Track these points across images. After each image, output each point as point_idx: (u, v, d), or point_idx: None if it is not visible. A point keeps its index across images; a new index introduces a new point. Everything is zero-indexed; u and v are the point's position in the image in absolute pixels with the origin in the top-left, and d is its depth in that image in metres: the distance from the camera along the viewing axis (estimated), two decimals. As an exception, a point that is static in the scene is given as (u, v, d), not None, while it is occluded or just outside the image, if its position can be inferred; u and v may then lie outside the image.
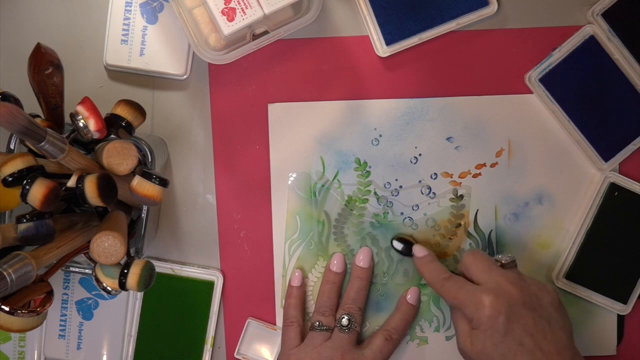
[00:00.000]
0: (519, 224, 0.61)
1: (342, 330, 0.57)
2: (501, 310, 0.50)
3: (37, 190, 0.43)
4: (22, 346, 0.61)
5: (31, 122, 0.41)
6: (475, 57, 0.61)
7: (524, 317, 0.50)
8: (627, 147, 0.60)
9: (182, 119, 0.61)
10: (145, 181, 0.47)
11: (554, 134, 0.61)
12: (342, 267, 0.60)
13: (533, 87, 0.60)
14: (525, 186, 0.61)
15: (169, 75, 0.60)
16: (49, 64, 0.47)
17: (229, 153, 0.61)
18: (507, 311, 0.50)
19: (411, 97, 0.61)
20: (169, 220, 0.61)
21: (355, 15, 0.61)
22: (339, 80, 0.61)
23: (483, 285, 0.52)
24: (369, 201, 0.61)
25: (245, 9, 0.53)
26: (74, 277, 0.61)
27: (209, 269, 0.60)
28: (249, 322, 0.61)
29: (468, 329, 0.52)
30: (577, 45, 0.60)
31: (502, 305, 0.50)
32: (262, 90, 0.61)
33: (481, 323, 0.51)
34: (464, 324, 0.53)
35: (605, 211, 0.60)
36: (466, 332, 0.52)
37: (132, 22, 0.59)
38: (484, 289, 0.52)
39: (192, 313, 0.61)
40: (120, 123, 0.50)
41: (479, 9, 0.60)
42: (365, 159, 0.61)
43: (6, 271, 0.42)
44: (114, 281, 0.47)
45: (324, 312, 0.58)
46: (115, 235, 0.46)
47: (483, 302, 0.51)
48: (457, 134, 0.61)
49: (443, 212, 0.61)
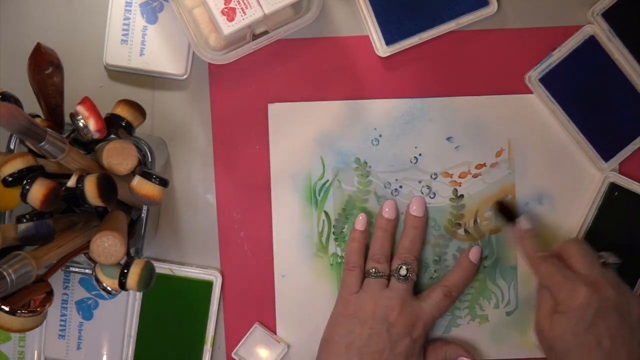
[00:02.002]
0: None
1: (400, 280, 0.57)
2: (593, 305, 0.51)
3: (37, 190, 0.43)
4: (22, 346, 0.61)
5: (31, 122, 0.41)
6: (475, 57, 0.61)
7: (610, 319, 0.51)
8: (627, 147, 0.60)
9: (182, 119, 0.61)
10: (145, 181, 0.47)
11: (554, 134, 0.61)
12: (394, 214, 0.60)
13: (533, 87, 0.60)
14: (525, 186, 0.61)
15: (169, 75, 0.60)
16: (49, 64, 0.47)
17: (229, 153, 0.61)
18: (598, 307, 0.51)
19: (411, 97, 0.61)
20: (168, 220, 0.61)
21: (355, 15, 0.61)
22: (339, 80, 0.61)
23: (582, 276, 0.53)
24: (369, 201, 0.61)
25: (245, 9, 0.53)
26: (74, 277, 0.61)
27: (208, 269, 0.60)
28: (255, 327, 0.61)
29: (551, 310, 0.53)
30: (577, 45, 0.60)
31: (595, 300, 0.51)
32: (262, 90, 0.61)
33: (570, 309, 0.52)
34: (548, 304, 0.54)
35: (605, 211, 0.60)
36: (549, 312, 0.53)
37: (132, 22, 0.59)
38: (583, 279, 0.53)
39: (192, 313, 0.61)
40: (120, 123, 0.50)
41: (479, 9, 0.60)
42: (365, 159, 0.61)
43: (6, 271, 0.42)
44: (114, 281, 0.47)
45: (378, 260, 0.58)
46: (115, 235, 0.46)
47: (579, 290, 0.52)
48: (457, 134, 0.61)
49: (443, 212, 0.61)
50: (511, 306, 0.61)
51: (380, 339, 0.55)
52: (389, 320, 0.56)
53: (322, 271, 0.61)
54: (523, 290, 0.61)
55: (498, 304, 0.61)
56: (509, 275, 0.61)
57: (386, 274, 0.58)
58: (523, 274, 0.61)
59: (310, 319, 0.61)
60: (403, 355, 0.55)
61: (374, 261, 0.58)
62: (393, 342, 0.55)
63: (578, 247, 0.55)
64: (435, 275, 0.61)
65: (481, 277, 0.61)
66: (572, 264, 0.55)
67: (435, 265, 0.61)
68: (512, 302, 0.61)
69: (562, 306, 0.52)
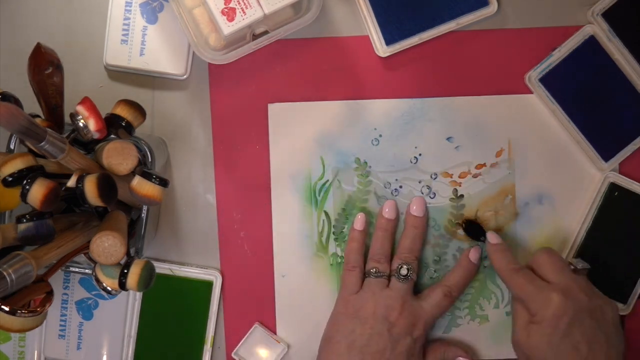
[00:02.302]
0: (519, 223, 0.61)
1: (400, 280, 0.57)
2: (567, 312, 0.51)
3: (37, 190, 0.43)
4: (22, 346, 0.61)
5: (31, 122, 0.41)
6: (475, 57, 0.61)
7: (586, 325, 0.51)
8: (627, 147, 0.60)
9: (182, 119, 0.61)
10: (145, 181, 0.47)
11: (554, 134, 0.61)
12: (394, 214, 0.60)
13: (533, 87, 0.60)
14: (525, 186, 0.61)
15: (169, 75, 0.60)
16: (49, 64, 0.46)
17: (229, 153, 0.61)
18: (572, 314, 0.51)
19: (411, 97, 0.61)
20: (168, 220, 0.61)
21: (355, 15, 0.61)
22: (339, 80, 0.61)
23: (554, 284, 0.53)
24: (369, 201, 0.61)
25: (245, 9, 0.53)
26: (74, 277, 0.61)
27: (207, 269, 0.60)
28: (255, 327, 0.61)
29: (527, 322, 0.53)
30: (577, 45, 0.60)
31: (569, 308, 0.51)
32: (262, 90, 0.61)
33: (544, 319, 0.52)
34: (524, 316, 0.54)
35: (605, 211, 0.60)
36: (525, 324, 0.53)
37: (132, 22, 0.59)
38: (555, 288, 0.53)
39: (192, 313, 0.61)
40: (120, 123, 0.50)
41: (479, 9, 0.60)
42: (365, 159, 0.61)
43: (6, 271, 0.42)
44: (114, 281, 0.47)
45: (379, 259, 0.58)
46: (115, 235, 0.45)
47: (552, 299, 0.52)
48: (457, 134, 0.61)
49: (443, 212, 0.61)
50: (511, 306, 0.61)
51: (382, 338, 0.55)
52: (390, 320, 0.56)
53: (322, 271, 0.61)
54: (523, 290, 0.61)
55: (498, 304, 0.61)
56: (509, 275, 0.61)
57: (386, 274, 0.58)
58: (523, 274, 0.61)
59: (310, 319, 0.61)
60: (404, 354, 0.55)
61: (374, 261, 0.58)
62: (394, 341, 0.55)
63: (547, 256, 0.55)
64: (435, 275, 0.61)
65: (481, 277, 0.61)
66: (543, 274, 0.54)
67: (435, 265, 0.61)
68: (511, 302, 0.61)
69: (537, 317, 0.52)
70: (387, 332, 0.55)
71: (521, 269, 0.55)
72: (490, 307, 0.61)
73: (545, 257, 0.55)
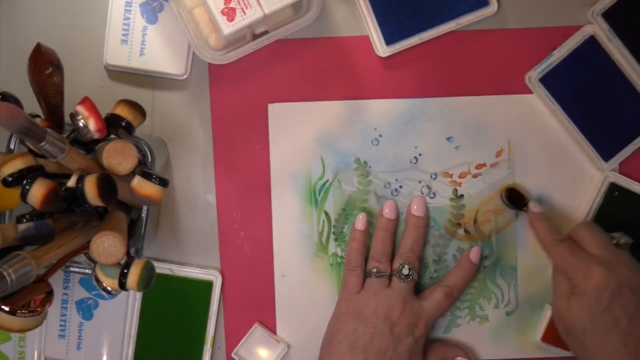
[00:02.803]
0: (519, 223, 0.61)
1: (402, 279, 0.57)
2: (609, 285, 0.51)
3: (37, 190, 0.43)
4: (22, 346, 0.61)
5: (31, 122, 0.41)
6: (475, 57, 0.61)
7: (627, 299, 0.51)
8: (627, 147, 0.60)
9: (182, 119, 0.61)
10: (145, 181, 0.47)
11: (554, 134, 0.61)
12: (394, 214, 0.60)
13: (533, 87, 0.60)
14: (526, 186, 0.61)
15: (169, 75, 0.60)
16: (49, 64, 0.46)
17: (229, 153, 0.61)
18: (614, 288, 0.51)
19: (411, 97, 0.61)
20: (168, 220, 0.61)
21: (355, 15, 0.61)
22: (339, 80, 0.61)
23: (597, 257, 0.53)
24: (369, 201, 0.61)
25: (245, 9, 0.53)
26: (74, 277, 0.61)
27: (207, 269, 0.60)
28: (255, 327, 0.61)
29: (568, 293, 0.53)
30: (577, 45, 0.60)
31: (611, 281, 0.51)
32: (262, 90, 0.61)
33: (586, 292, 0.52)
34: (565, 287, 0.54)
35: (605, 211, 0.60)
36: (566, 295, 0.54)
37: (132, 22, 0.59)
38: (598, 261, 0.53)
39: (192, 313, 0.61)
40: (120, 123, 0.50)
41: (479, 9, 0.60)
42: (365, 159, 0.61)
43: (6, 271, 0.42)
44: (114, 281, 0.47)
45: (380, 259, 0.58)
46: (115, 235, 0.45)
47: (594, 272, 0.52)
48: (457, 134, 0.61)
49: (443, 212, 0.61)
50: (511, 306, 0.61)
51: (384, 337, 0.55)
52: (392, 319, 0.56)
53: (322, 271, 0.61)
54: (523, 290, 0.61)
55: (498, 304, 0.61)
56: (509, 275, 0.61)
57: (388, 274, 0.58)
58: (523, 274, 0.61)
59: (310, 319, 0.61)
60: (406, 354, 0.55)
61: (375, 261, 0.58)
62: (396, 341, 0.55)
63: (589, 230, 0.55)
64: (436, 275, 0.61)
65: (481, 277, 0.61)
66: (585, 247, 0.55)
67: (435, 265, 0.61)
68: (512, 302, 0.61)
69: (579, 288, 0.53)
70: (389, 332, 0.55)
71: (564, 240, 0.55)
72: (490, 307, 0.61)
73: (588, 231, 0.55)
